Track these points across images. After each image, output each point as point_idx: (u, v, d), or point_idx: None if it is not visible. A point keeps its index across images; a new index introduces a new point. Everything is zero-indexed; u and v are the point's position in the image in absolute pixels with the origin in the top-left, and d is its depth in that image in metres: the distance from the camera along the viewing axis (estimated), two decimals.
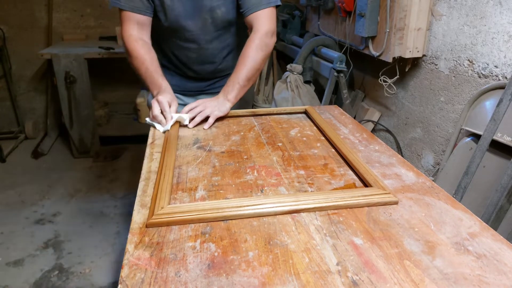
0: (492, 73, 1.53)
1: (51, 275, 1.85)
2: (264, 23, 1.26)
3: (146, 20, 1.27)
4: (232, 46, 1.41)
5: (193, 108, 1.20)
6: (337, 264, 0.60)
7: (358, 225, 0.69)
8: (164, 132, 1.13)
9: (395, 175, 0.88)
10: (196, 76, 1.46)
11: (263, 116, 1.29)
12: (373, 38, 2.04)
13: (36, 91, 3.43)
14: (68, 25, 3.30)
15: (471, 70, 1.63)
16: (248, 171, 0.91)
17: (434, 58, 1.85)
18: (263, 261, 0.61)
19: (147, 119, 1.20)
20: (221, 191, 0.82)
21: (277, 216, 0.72)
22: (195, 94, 1.47)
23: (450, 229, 0.69)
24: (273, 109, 1.33)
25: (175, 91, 1.28)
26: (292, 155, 0.99)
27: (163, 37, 1.36)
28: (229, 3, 1.27)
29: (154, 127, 1.16)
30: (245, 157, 0.98)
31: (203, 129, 1.17)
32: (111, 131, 3.28)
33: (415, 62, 1.99)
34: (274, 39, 1.30)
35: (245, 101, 1.52)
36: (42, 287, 1.78)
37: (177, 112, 1.19)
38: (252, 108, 1.53)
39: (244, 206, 0.73)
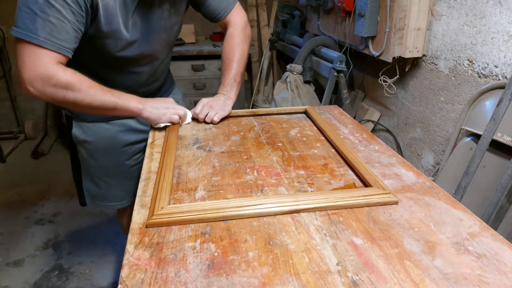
0: (492, 73, 1.53)
1: (51, 276, 1.85)
2: (239, 18, 1.28)
3: (65, 61, 0.95)
4: (170, 57, 1.34)
5: (200, 110, 1.20)
6: (337, 264, 0.60)
7: (358, 225, 0.69)
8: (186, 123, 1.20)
9: (395, 175, 0.88)
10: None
11: (263, 116, 1.29)
12: (373, 38, 2.04)
13: None
14: None
15: (471, 70, 1.63)
16: (248, 171, 0.91)
17: (434, 58, 1.85)
18: (263, 261, 0.61)
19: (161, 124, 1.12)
20: (221, 191, 0.82)
21: (277, 216, 0.72)
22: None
23: (450, 229, 0.69)
24: (273, 109, 1.33)
25: (111, 118, 1.20)
26: (292, 155, 0.99)
27: (105, 67, 1.11)
28: (181, 18, 1.20)
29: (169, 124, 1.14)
30: (245, 157, 0.98)
31: (204, 128, 1.17)
32: None
33: (415, 62, 1.99)
34: (249, 27, 1.33)
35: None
36: (42, 287, 1.78)
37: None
38: (252, 108, 1.53)
39: (244, 206, 0.73)
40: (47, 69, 0.90)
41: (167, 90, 1.40)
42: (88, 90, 0.95)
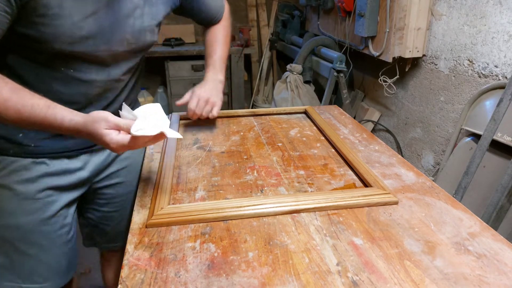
0: (492, 73, 1.52)
1: None
2: (224, 13, 1.19)
3: None
4: (136, 77, 0.99)
5: (197, 105, 1.05)
6: (337, 265, 0.60)
7: (358, 225, 0.69)
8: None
9: (395, 175, 0.88)
10: None
11: (263, 116, 1.29)
12: (373, 38, 2.04)
13: None
14: None
15: (471, 70, 1.63)
16: (248, 171, 0.91)
17: (434, 58, 1.85)
18: (263, 261, 0.61)
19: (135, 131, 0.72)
20: (221, 191, 0.82)
21: (277, 216, 0.72)
22: (76, 154, 0.90)
23: (450, 229, 0.69)
24: (273, 109, 1.33)
25: (41, 155, 0.85)
26: (292, 155, 0.99)
27: (42, 70, 0.80)
28: (158, 26, 0.93)
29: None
30: (245, 157, 0.98)
31: (205, 128, 1.16)
32: None
33: (415, 62, 1.99)
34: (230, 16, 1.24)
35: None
36: None
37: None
38: (252, 108, 1.51)
39: (244, 206, 0.73)
40: None
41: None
42: (11, 108, 0.68)
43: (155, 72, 3.36)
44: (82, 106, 0.85)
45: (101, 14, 0.77)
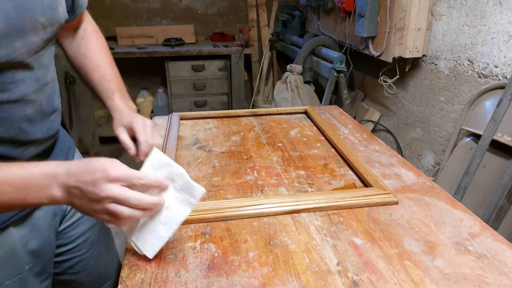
0: (492, 73, 1.52)
1: None
2: (87, 12, 0.90)
3: None
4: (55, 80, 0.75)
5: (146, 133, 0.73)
6: (337, 264, 0.60)
7: (358, 225, 0.69)
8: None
9: (395, 175, 0.88)
10: (34, 155, 0.69)
11: (263, 116, 1.29)
12: (373, 38, 2.04)
13: None
14: None
15: (471, 70, 1.63)
16: (248, 171, 0.91)
17: (434, 58, 1.85)
18: (263, 261, 0.61)
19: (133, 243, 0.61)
20: (221, 191, 0.82)
21: (277, 216, 0.72)
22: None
23: (450, 229, 0.69)
24: (273, 109, 1.33)
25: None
26: (292, 155, 0.99)
27: None
28: None
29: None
30: (245, 157, 0.98)
31: (204, 128, 1.16)
32: (111, 131, 3.25)
33: (415, 62, 1.99)
34: None
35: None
36: None
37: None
38: (252, 108, 1.50)
39: (244, 206, 0.73)
40: None
41: (66, 148, 0.83)
42: None
43: (155, 72, 3.36)
44: (24, 134, 0.64)
45: None
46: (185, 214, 0.56)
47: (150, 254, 0.59)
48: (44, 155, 0.72)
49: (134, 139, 0.73)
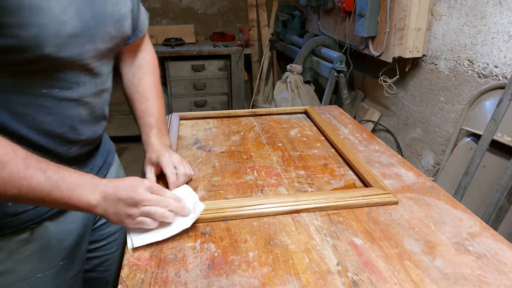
0: (492, 73, 1.53)
1: None
2: (151, 47, 0.97)
3: None
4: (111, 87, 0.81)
5: (175, 172, 0.79)
6: (337, 264, 0.60)
7: (358, 225, 0.69)
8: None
9: (395, 175, 0.88)
10: (76, 154, 0.73)
11: (263, 116, 1.29)
12: (373, 38, 2.04)
13: None
14: None
15: (471, 70, 1.63)
16: (248, 171, 0.91)
17: (434, 58, 1.85)
18: (263, 261, 0.61)
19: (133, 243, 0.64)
20: (221, 191, 0.82)
21: (277, 216, 0.72)
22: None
23: (450, 229, 0.69)
24: (273, 109, 1.33)
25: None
26: (292, 155, 0.99)
27: (11, 99, 0.60)
28: (132, 10, 0.78)
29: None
30: (245, 157, 0.98)
31: (204, 128, 1.16)
32: (111, 131, 3.26)
33: (415, 62, 1.99)
34: None
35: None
36: None
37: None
38: (252, 108, 1.50)
39: (244, 206, 0.73)
40: None
41: (106, 151, 0.90)
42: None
43: None
44: (71, 134, 0.69)
45: (78, 3, 0.61)
46: (186, 226, 0.66)
47: (134, 244, 0.64)
48: (85, 157, 0.78)
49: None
